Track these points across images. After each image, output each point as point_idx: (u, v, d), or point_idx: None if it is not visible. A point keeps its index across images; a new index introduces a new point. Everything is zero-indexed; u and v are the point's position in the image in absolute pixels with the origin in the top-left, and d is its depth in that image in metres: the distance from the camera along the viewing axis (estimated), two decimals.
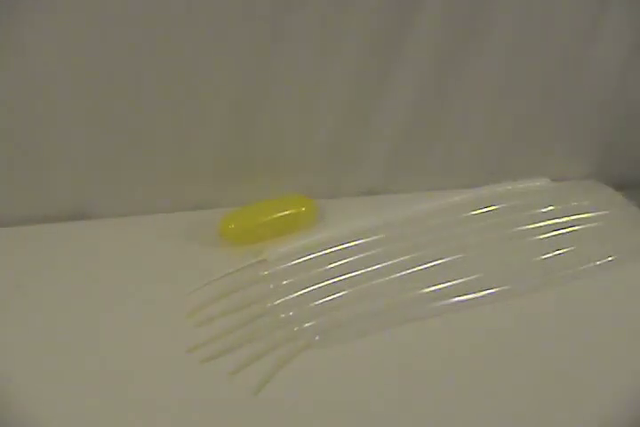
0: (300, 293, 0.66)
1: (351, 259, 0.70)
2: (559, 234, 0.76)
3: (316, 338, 0.62)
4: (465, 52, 0.72)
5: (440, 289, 0.67)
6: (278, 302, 0.65)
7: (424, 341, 0.63)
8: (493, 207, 0.79)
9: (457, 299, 0.66)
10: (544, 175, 0.85)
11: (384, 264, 0.70)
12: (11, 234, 0.72)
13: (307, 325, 0.63)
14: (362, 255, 0.71)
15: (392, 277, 0.69)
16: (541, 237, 0.75)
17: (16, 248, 0.71)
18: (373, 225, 0.75)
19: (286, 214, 0.75)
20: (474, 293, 0.67)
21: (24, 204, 0.73)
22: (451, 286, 0.68)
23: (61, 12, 0.59)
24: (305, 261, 0.70)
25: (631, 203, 0.83)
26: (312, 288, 0.67)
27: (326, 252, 0.71)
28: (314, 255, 0.71)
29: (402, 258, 0.71)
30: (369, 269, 0.69)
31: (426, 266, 0.70)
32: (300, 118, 0.74)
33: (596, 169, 0.89)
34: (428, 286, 0.67)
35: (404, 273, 0.69)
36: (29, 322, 0.62)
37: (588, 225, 0.78)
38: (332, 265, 0.70)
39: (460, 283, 0.68)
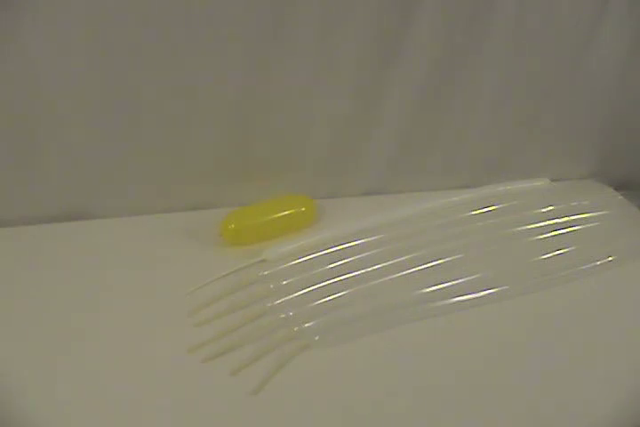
0: (300, 293, 0.66)
1: (351, 259, 0.71)
2: (559, 234, 0.76)
3: (316, 338, 0.62)
4: (465, 53, 0.72)
5: (440, 289, 0.67)
6: (278, 302, 0.65)
7: (424, 341, 0.63)
8: (493, 207, 0.80)
9: (457, 299, 0.66)
10: (544, 175, 0.86)
11: (384, 264, 0.70)
12: (11, 234, 0.72)
13: (307, 325, 0.63)
14: (362, 255, 0.71)
15: (392, 277, 0.69)
16: (541, 237, 0.76)
17: (16, 248, 0.71)
18: (373, 225, 0.75)
19: (286, 214, 0.75)
20: (474, 293, 0.67)
21: (24, 204, 0.73)
22: (451, 285, 0.68)
23: (61, 12, 0.59)
24: (305, 261, 0.70)
25: (631, 203, 0.83)
26: (312, 288, 0.67)
27: (326, 252, 0.71)
28: (314, 255, 0.71)
29: (402, 258, 0.71)
30: (369, 269, 0.69)
31: (426, 266, 0.70)
32: (300, 118, 0.74)
33: (596, 169, 0.90)
34: (429, 286, 0.68)
35: (404, 273, 0.69)
36: (29, 322, 0.61)
37: (588, 225, 0.78)
38: (332, 265, 0.70)
39: (460, 283, 0.68)
